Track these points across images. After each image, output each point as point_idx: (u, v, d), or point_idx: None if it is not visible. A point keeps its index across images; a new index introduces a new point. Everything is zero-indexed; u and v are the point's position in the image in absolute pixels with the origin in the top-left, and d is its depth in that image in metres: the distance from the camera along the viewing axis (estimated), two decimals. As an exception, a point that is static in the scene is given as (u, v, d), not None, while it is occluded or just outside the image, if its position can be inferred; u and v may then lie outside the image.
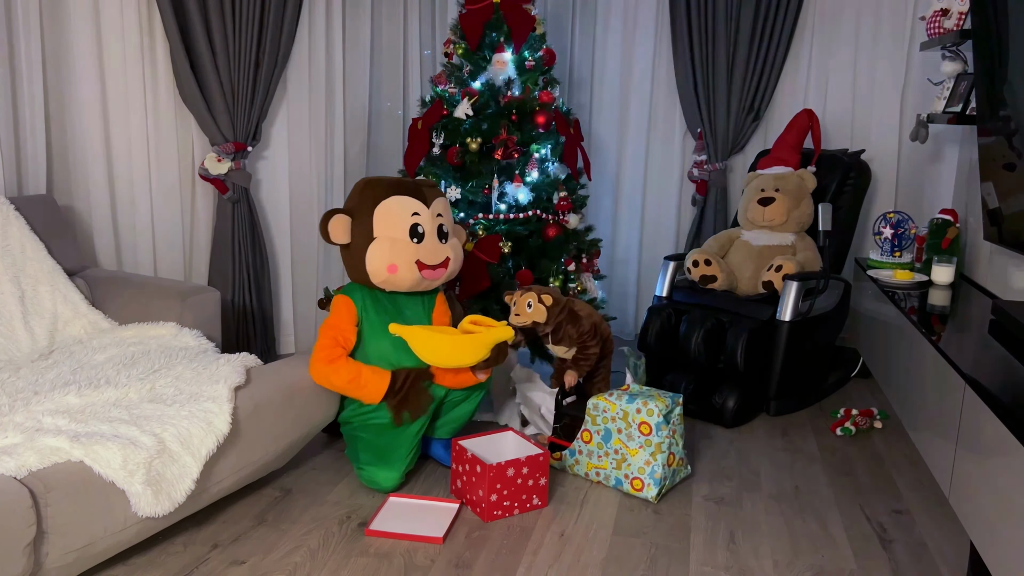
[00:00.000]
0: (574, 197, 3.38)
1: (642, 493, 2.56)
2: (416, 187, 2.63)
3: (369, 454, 2.58)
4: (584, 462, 2.69)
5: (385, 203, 2.58)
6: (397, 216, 2.57)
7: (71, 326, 2.80)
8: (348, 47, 3.95)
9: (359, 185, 2.66)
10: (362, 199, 2.61)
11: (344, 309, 2.61)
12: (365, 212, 2.59)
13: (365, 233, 2.58)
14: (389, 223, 2.57)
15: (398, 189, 2.61)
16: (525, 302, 2.78)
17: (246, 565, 2.19)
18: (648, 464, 2.54)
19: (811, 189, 3.48)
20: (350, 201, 2.65)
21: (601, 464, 2.65)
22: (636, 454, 2.56)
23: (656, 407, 2.52)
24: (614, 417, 2.59)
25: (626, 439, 2.58)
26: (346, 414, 2.66)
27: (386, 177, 2.68)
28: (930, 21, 3.06)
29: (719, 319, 3.28)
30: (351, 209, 2.62)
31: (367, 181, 2.65)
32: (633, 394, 2.61)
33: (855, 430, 3.16)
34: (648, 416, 2.53)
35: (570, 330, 2.83)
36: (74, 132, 3.31)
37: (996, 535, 1.79)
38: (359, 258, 2.60)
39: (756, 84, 3.91)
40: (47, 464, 1.89)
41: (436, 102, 3.32)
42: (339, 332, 2.57)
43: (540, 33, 3.35)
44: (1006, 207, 2.54)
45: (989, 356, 2.22)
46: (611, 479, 2.63)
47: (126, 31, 3.36)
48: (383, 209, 2.57)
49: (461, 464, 2.52)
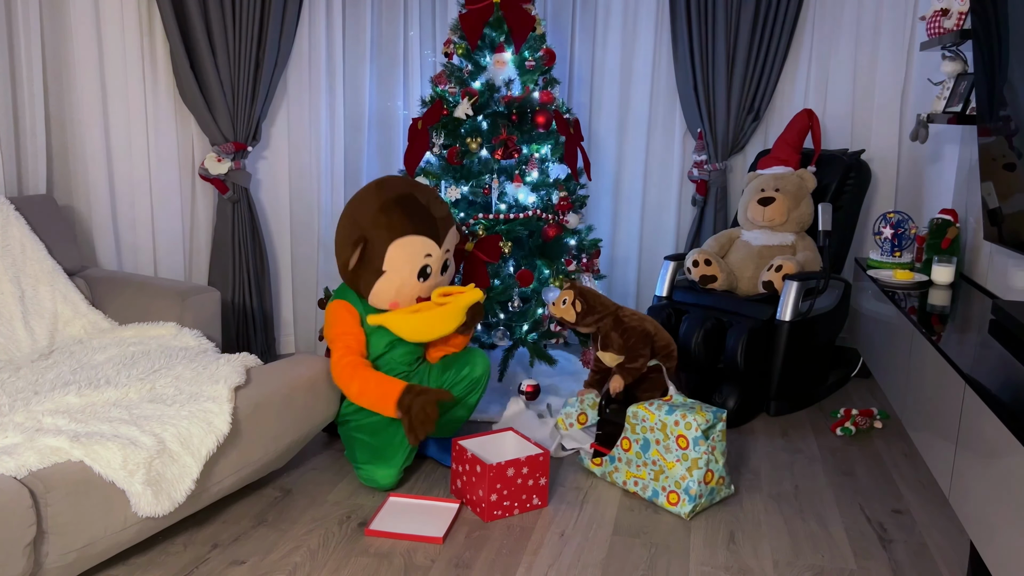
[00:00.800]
0: (574, 197, 3.37)
1: (676, 508, 2.48)
2: (433, 224, 2.58)
3: (366, 453, 2.58)
4: (623, 470, 2.63)
5: (401, 242, 2.53)
6: (410, 257, 2.55)
7: (71, 326, 2.80)
8: (348, 47, 3.95)
9: (373, 203, 2.54)
10: (377, 225, 2.52)
11: (347, 315, 2.59)
12: (379, 242, 2.53)
13: (375, 263, 2.54)
14: (401, 262, 2.55)
15: (416, 227, 2.54)
16: (562, 298, 2.78)
17: (246, 565, 2.19)
18: (684, 479, 2.47)
19: (811, 189, 3.48)
20: (361, 212, 2.55)
21: (639, 474, 2.59)
22: (673, 467, 2.49)
23: (695, 421, 2.44)
24: (652, 427, 2.52)
25: (664, 451, 2.51)
26: (343, 414, 2.66)
27: (404, 198, 2.56)
28: (930, 21, 3.06)
29: (719, 319, 3.28)
30: (365, 230, 2.53)
31: (383, 203, 2.54)
32: (675, 406, 2.53)
33: (855, 430, 3.16)
34: (686, 430, 2.45)
35: (615, 337, 2.77)
36: (74, 132, 3.31)
37: (996, 535, 1.79)
38: (364, 282, 2.58)
39: (756, 84, 3.91)
40: (47, 464, 1.89)
41: (436, 102, 3.32)
42: (352, 339, 2.55)
43: (540, 33, 3.35)
44: (1006, 207, 2.54)
45: (989, 356, 2.22)
46: (648, 490, 2.56)
47: (126, 31, 3.36)
48: (398, 248, 2.53)
49: (461, 464, 2.52)
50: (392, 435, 2.58)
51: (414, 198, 2.58)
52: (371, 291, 2.58)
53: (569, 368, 3.71)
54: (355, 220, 2.56)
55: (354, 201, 2.61)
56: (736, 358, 3.15)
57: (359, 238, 2.53)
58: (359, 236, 2.53)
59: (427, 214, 2.58)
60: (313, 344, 4.03)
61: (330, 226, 4.00)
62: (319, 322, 4.05)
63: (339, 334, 2.57)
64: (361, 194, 2.61)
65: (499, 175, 3.29)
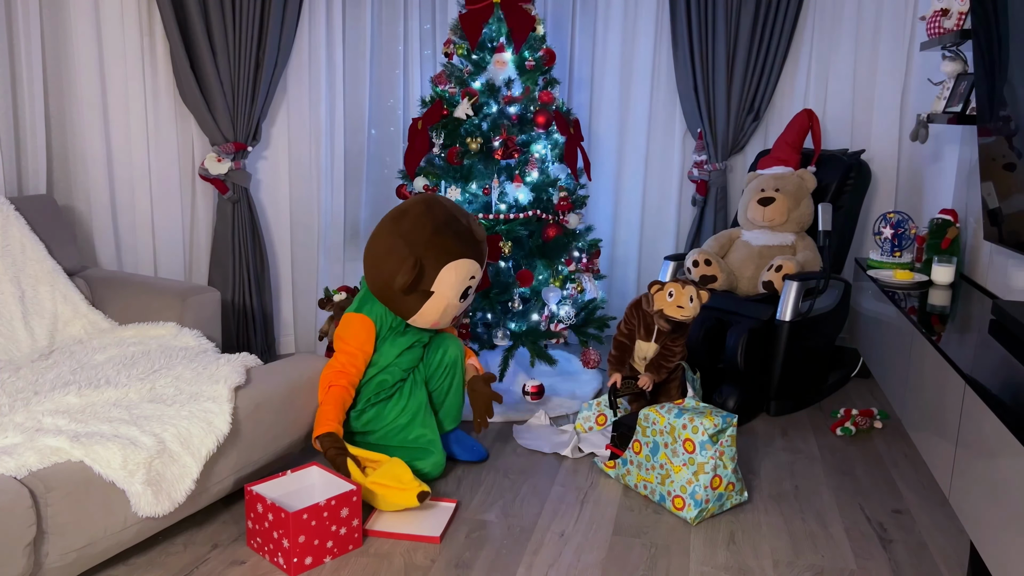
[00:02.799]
0: (574, 197, 3.37)
1: (682, 513, 2.45)
2: (477, 247, 2.63)
3: (405, 455, 2.61)
4: (635, 473, 2.62)
5: (453, 265, 2.56)
6: (457, 280, 2.58)
7: (71, 326, 2.80)
8: (348, 47, 3.95)
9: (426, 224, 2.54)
10: (430, 247, 2.53)
11: (364, 333, 2.59)
12: (431, 264, 2.54)
13: (424, 284, 2.56)
14: (448, 284, 2.57)
15: (465, 250, 2.58)
16: (688, 296, 2.74)
17: (246, 565, 2.19)
18: (690, 484, 2.43)
19: (811, 189, 3.48)
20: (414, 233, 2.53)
21: (648, 477, 2.56)
22: (680, 471, 2.46)
23: (703, 425, 2.41)
24: (662, 431, 2.50)
25: (671, 455, 2.48)
26: (360, 426, 2.64)
27: (452, 221, 2.58)
28: (930, 21, 3.06)
29: (719, 319, 3.28)
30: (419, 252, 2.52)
31: (436, 226, 2.54)
32: (684, 409, 2.50)
33: (855, 430, 3.16)
34: (693, 434, 2.42)
35: (664, 326, 2.83)
36: (74, 132, 3.31)
37: (996, 535, 1.79)
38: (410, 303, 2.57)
39: (756, 84, 3.91)
40: (47, 464, 1.89)
41: (436, 102, 3.32)
42: (358, 360, 2.57)
43: (540, 33, 3.35)
44: (1006, 207, 2.54)
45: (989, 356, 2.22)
46: (656, 494, 2.54)
47: (126, 31, 3.36)
48: (450, 270, 2.56)
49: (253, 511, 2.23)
50: (419, 432, 2.62)
51: (459, 220, 2.61)
52: (417, 312, 2.59)
53: (569, 368, 3.71)
54: (409, 241, 2.54)
55: (401, 220, 2.57)
56: (736, 358, 3.15)
57: (416, 261, 2.53)
58: (415, 258, 2.53)
59: (472, 237, 2.62)
60: (313, 344, 4.03)
61: (330, 226, 4.00)
62: (319, 322, 4.04)
63: (348, 351, 2.57)
64: (410, 214, 2.58)
65: (499, 175, 3.29)
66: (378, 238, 2.59)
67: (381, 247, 2.57)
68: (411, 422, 2.63)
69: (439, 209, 2.58)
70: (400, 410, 2.63)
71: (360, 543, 2.28)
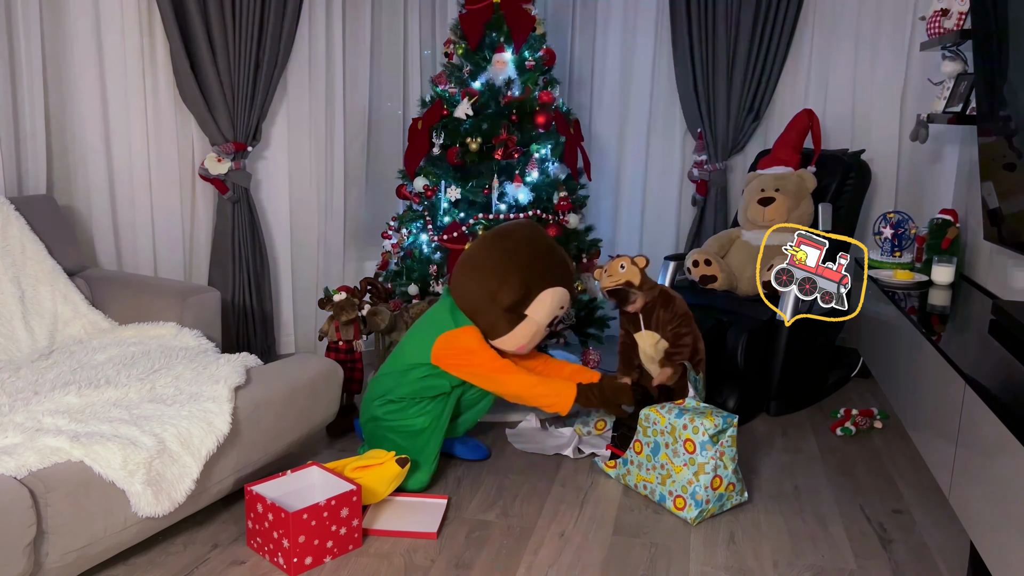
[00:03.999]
0: (574, 197, 3.37)
1: (683, 513, 2.45)
2: (571, 278, 2.66)
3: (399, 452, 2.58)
4: (635, 473, 2.62)
5: (551, 292, 2.58)
6: (552, 306, 2.59)
7: (71, 326, 2.80)
8: (348, 47, 3.95)
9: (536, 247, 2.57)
10: (533, 271, 2.55)
11: (480, 337, 2.58)
12: (534, 286, 2.55)
13: (522, 306, 2.56)
14: (543, 310, 2.58)
15: (563, 279, 2.61)
16: (618, 265, 2.72)
17: (246, 565, 2.19)
18: (691, 484, 2.43)
19: (811, 189, 3.48)
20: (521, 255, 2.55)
21: (648, 477, 2.56)
22: (680, 471, 2.46)
23: (703, 425, 2.40)
24: (663, 431, 2.50)
25: (672, 455, 2.48)
26: (376, 412, 2.61)
27: (555, 248, 2.63)
28: (930, 21, 3.06)
29: (719, 319, 3.28)
30: (526, 274, 2.54)
31: (541, 251, 2.58)
32: (685, 409, 2.49)
33: (855, 430, 3.16)
34: (694, 434, 2.42)
35: (662, 314, 2.73)
36: (74, 132, 3.31)
37: (996, 535, 1.79)
38: (504, 324, 2.57)
39: (756, 84, 3.91)
40: (47, 464, 1.89)
41: (436, 102, 3.32)
42: (495, 357, 2.55)
43: (540, 33, 3.35)
44: (1006, 207, 2.54)
45: (989, 356, 2.22)
46: (656, 494, 2.54)
47: (126, 31, 3.36)
48: (546, 297, 2.58)
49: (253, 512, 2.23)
50: (425, 441, 2.58)
51: (557, 249, 2.65)
52: (507, 333, 2.58)
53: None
54: (515, 261, 2.55)
55: (506, 240, 2.59)
56: (736, 358, 3.15)
57: (523, 280, 2.54)
58: (521, 278, 2.53)
59: (568, 268, 2.65)
60: (313, 344, 4.02)
61: (330, 226, 4.00)
62: (319, 322, 4.04)
63: (487, 355, 2.55)
64: (515, 236, 2.59)
65: (499, 175, 3.29)
66: (480, 254, 2.59)
67: (484, 263, 2.56)
68: (424, 431, 2.58)
69: (541, 235, 2.64)
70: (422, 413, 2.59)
71: (360, 543, 2.28)
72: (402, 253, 3.43)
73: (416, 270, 3.36)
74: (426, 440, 2.58)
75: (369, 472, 2.38)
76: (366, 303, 3.14)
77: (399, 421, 2.58)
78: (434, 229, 3.35)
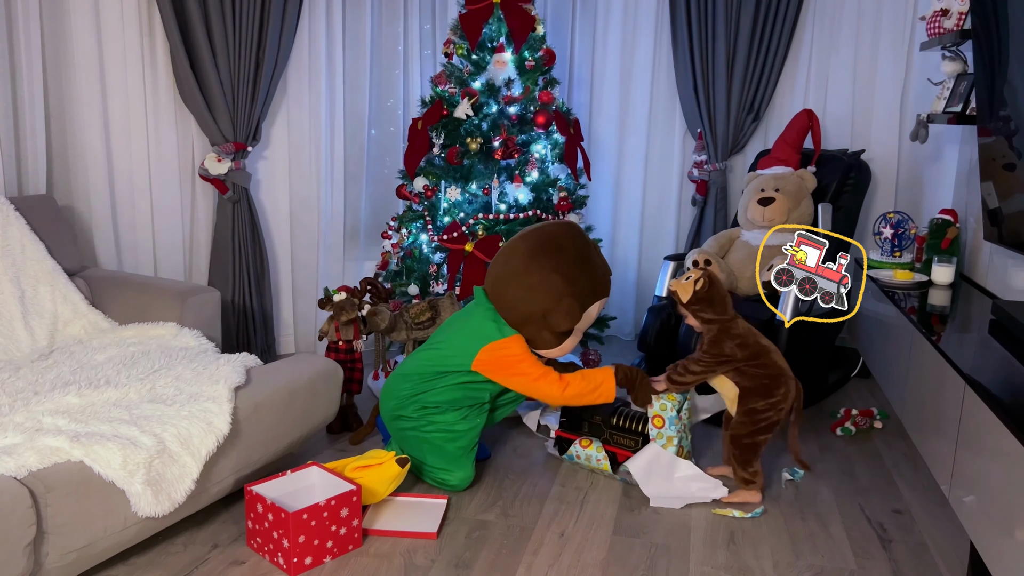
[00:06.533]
0: (574, 197, 3.37)
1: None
2: (610, 279, 2.68)
3: (439, 458, 2.57)
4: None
5: (599, 305, 2.63)
6: (594, 316, 2.63)
7: (71, 326, 2.80)
8: (348, 47, 3.95)
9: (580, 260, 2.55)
10: (584, 288, 2.55)
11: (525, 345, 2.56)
12: (584, 304, 2.56)
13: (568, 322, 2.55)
14: (588, 322, 2.63)
15: (606, 288, 2.64)
16: (687, 275, 2.61)
17: (246, 565, 2.19)
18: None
19: (811, 189, 3.48)
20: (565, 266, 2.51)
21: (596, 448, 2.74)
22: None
23: (669, 401, 2.59)
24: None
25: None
26: (408, 411, 2.58)
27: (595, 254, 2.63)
28: (930, 21, 3.06)
29: (719, 319, 3.27)
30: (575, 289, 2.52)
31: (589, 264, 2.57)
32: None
33: (855, 430, 3.16)
34: (662, 411, 2.60)
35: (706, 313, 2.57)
36: (74, 132, 3.31)
37: (996, 535, 1.79)
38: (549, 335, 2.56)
39: (756, 84, 3.91)
40: (47, 464, 1.89)
41: (436, 102, 3.32)
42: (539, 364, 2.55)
43: (540, 33, 3.35)
44: (1006, 207, 2.54)
45: (989, 356, 2.22)
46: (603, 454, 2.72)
47: (126, 31, 3.36)
48: (595, 311, 2.62)
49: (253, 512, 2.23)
50: (467, 442, 2.58)
51: (598, 252, 2.66)
52: (556, 347, 2.59)
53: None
54: (566, 278, 2.51)
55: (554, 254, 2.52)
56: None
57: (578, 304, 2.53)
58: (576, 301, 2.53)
59: (608, 273, 2.67)
60: (313, 344, 4.03)
61: (330, 226, 4.00)
62: (319, 322, 4.04)
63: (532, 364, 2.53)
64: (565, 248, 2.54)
65: (499, 175, 3.29)
66: (526, 265, 2.50)
67: (532, 279, 2.49)
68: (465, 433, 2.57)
69: (585, 243, 2.61)
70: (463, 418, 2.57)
71: (360, 543, 2.28)
72: (402, 253, 3.44)
73: (416, 270, 3.36)
74: (467, 441, 2.58)
75: (369, 472, 2.38)
76: (366, 303, 3.14)
77: (437, 425, 2.56)
78: (434, 229, 3.35)
